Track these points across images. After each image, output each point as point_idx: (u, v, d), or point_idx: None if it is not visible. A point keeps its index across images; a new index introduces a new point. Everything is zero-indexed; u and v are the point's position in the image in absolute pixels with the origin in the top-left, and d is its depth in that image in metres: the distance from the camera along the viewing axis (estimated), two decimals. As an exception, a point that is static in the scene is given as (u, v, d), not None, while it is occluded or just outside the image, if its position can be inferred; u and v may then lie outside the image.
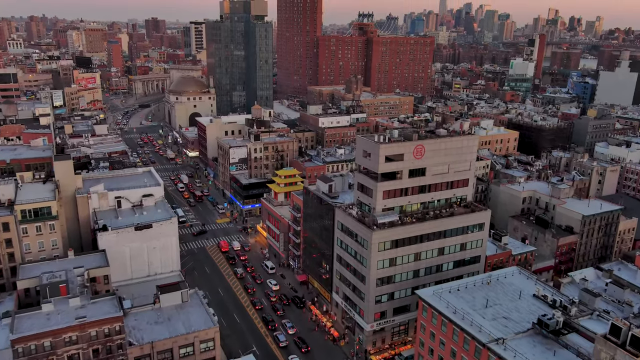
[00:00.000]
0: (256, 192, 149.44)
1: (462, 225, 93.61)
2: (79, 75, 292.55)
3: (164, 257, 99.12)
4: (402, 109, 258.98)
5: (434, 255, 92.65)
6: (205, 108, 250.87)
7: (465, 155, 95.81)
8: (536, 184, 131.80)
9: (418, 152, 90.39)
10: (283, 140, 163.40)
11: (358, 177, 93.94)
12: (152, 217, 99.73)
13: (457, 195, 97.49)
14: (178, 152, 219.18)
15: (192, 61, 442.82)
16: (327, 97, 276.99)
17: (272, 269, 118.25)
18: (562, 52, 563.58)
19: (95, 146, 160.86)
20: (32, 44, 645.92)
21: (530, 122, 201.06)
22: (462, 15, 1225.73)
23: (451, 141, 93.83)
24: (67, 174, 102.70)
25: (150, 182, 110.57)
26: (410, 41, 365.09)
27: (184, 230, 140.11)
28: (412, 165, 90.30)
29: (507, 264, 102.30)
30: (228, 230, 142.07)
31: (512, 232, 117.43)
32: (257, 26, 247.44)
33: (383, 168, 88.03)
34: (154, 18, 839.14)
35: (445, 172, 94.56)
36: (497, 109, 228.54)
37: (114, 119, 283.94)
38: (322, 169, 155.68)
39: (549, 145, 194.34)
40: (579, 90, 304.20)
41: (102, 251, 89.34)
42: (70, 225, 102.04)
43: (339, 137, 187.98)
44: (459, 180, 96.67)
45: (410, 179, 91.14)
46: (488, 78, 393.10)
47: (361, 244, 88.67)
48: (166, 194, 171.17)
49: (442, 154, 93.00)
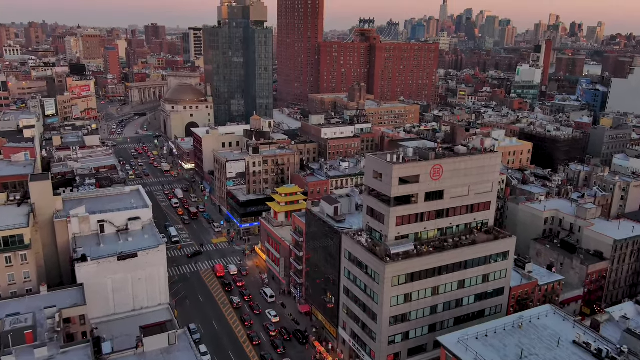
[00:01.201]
0: (255, 209, 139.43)
1: (485, 255, 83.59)
2: (73, 83, 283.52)
3: (151, 289, 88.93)
4: (407, 118, 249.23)
5: (454, 289, 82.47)
6: (203, 117, 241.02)
7: (487, 176, 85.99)
8: (558, 202, 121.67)
9: (436, 173, 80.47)
10: (284, 153, 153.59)
11: (367, 200, 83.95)
12: (138, 244, 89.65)
13: (478, 219, 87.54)
14: (173, 164, 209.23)
15: (191, 68, 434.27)
16: (329, 105, 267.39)
17: (272, 297, 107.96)
18: (567, 58, 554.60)
19: (84, 160, 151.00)
20: (30, 50, 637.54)
21: (544, 132, 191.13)
22: (463, 21, 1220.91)
23: (472, 160, 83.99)
24: (45, 195, 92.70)
25: (137, 203, 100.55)
26: (415, 47, 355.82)
27: (176, 252, 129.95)
28: (428, 187, 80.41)
29: (533, 295, 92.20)
30: (224, 252, 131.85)
31: (534, 257, 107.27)
32: (256, 32, 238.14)
33: (397, 191, 78.11)
34: (153, 24, 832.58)
35: (465, 195, 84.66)
36: (507, 118, 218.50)
37: (108, 128, 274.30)
38: (325, 184, 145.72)
39: (563, 157, 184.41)
40: (589, 98, 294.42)
41: (79, 285, 79.23)
42: (48, 253, 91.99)
43: (342, 148, 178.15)
44: (480, 203, 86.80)
45: (427, 203, 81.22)
46: (494, 85, 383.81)
47: (372, 277, 78.52)
48: (159, 210, 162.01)
49: (462, 175, 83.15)
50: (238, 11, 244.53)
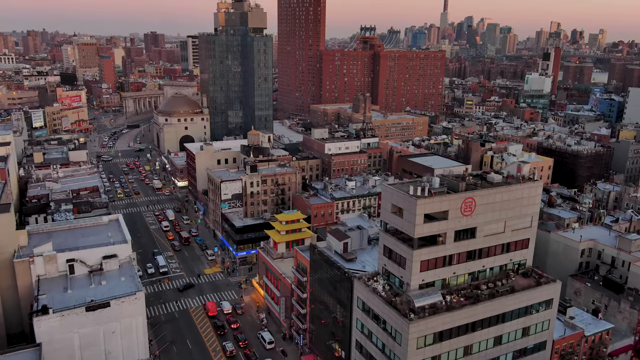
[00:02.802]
0: (252, 235, 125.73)
1: (526, 305, 69.92)
2: (63, 93, 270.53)
3: (127, 344, 75.18)
4: (415, 130, 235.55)
5: (489, 347, 68.81)
6: (198, 130, 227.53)
7: (526, 208, 72.51)
8: (593, 230, 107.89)
9: (467, 207, 66.96)
10: (284, 172, 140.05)
11: (385, 239, 70.38)
12: (113, 289, 76.00)
13: (515, 260, 74.13)
14: (166, 180, 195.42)
15: (188, 77, 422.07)
16: (332, 116, 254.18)
17: (271, 344, 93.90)
18: (575, 66, 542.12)
19: (65, 180, 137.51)
20: (27, 58, 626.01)
21: (564, 146, 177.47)
22: (463, 29, 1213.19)
23: (509, 191, 70.48)
24: (6, 230, 79.26)
25: (115, 237, 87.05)
26: (420, 55, 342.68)
27: (163, 286, 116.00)
28: (459, 224, 66.99)
29: (579, 348, 78.28)
30: (218, 285, 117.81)
31: (572, 297, 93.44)
32: (255, 40, 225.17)
33: (421, 230, 64.66)
34: (153, 32, 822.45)
35: (501, 232, 71.28)
36: (521, 130, 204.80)
37: (99, 141, 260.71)
38: (330, 207, 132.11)
39: (586, 173, 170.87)
40: (604, 108, 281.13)
41: (36, 346, 65.43)
42: (8, 299, 78.29)
43: (347, 165, 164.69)
44: (517, 240, 73.42)
45: (457, 243, 67.82)
46: (501, 94, 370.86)
47: (392, 335, 64.79)
48: (148, 234, 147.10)
49: (498, 208, 69.74)
50: (236, 17, 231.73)
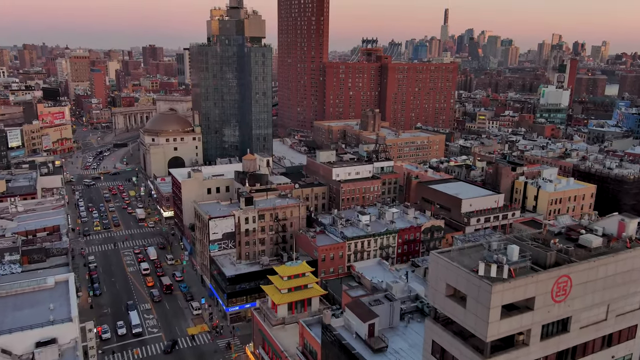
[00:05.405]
0: (246, 286, 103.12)
1: None
2: (45, 109, 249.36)
3: None
4: (431, 150, 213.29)
5: None
6: (189, 151, 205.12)
7: (635, 285, 50.05)
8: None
9: (561, 290, 44.73)
10: (286, 205, 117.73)
11: (434, 333, 47.95)
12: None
13: (619, 355, 51.55)
14: (151, 209, 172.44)
15: (183, 91, 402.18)
16: (337, 134, 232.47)
17: None
18: (587, 78, 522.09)
19: (23, 216, 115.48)
20: (20, 72, 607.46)
21: (604, 169, 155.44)
22: (464, 41, 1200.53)
23: (614, 261, 48.07)
24: None
25: (58, 310, 64.49)
26: (431, 67, 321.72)
27: (134, 356, 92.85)
28: (548, 315, 44.67)
29: None
30: (203, 351, 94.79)
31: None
32: (252, 50, 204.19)
33: (498, 330, 42.20)
34: (151, 45, 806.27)
35: (602, 319, 48.82)
36: (552, 150, 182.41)
37: (83, 162, 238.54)
38: (341, 248, 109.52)
39: (632, 201, 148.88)
40: (631, 124, 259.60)
41: None
42: None
43: (359, 193, 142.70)
44: (622, 329, 50.90)
45: (544, 343, 45.48)
46: (515, 108, 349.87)
47: None
48: (123, 279, 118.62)
49: (600, 287, 47.50)
50: (231, 26, 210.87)
